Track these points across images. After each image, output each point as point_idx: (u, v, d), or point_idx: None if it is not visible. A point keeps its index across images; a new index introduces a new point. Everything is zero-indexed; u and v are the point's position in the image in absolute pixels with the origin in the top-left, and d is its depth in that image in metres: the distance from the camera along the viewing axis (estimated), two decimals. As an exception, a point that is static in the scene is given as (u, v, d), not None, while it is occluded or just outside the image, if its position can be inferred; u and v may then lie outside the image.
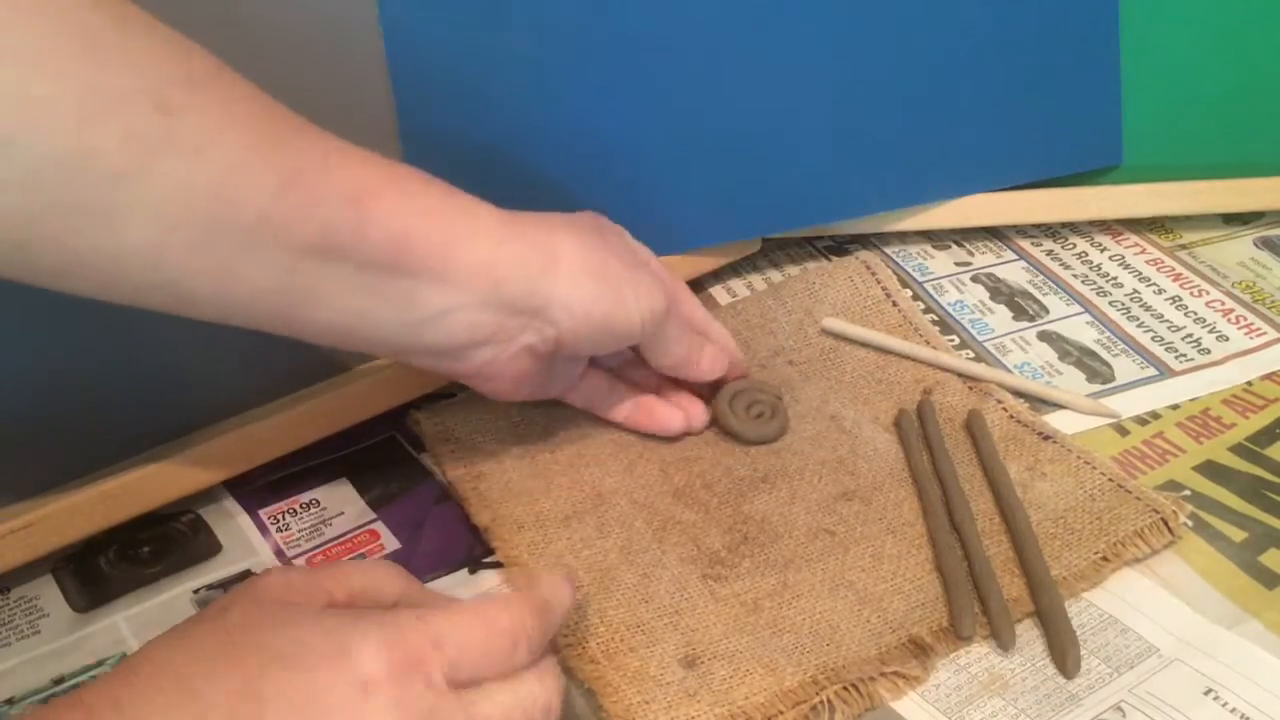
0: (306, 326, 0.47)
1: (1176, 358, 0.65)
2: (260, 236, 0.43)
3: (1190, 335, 0.67)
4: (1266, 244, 0.74)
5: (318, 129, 0.46)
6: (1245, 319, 0.68)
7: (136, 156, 0.40)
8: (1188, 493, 0.57)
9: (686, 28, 0.63)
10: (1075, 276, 0.71)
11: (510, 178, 0.62)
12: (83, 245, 0.41)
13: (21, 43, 0.38)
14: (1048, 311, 0.69)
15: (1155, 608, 0.51)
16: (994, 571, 0.52)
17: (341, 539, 0.56)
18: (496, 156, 0.61)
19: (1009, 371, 0.64)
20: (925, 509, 0.55)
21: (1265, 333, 0.66)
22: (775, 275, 0.72)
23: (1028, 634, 0.50)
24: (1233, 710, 0.47)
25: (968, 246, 0.74)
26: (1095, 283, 0.71)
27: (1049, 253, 0.73)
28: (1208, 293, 0.70)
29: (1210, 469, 0.58)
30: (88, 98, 0.39)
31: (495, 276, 0.48)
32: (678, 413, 0.59)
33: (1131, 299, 0.69)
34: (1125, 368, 0.65)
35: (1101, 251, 0.73)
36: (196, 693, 0.37)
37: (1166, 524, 0.54)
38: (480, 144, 0.61)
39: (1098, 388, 0.63)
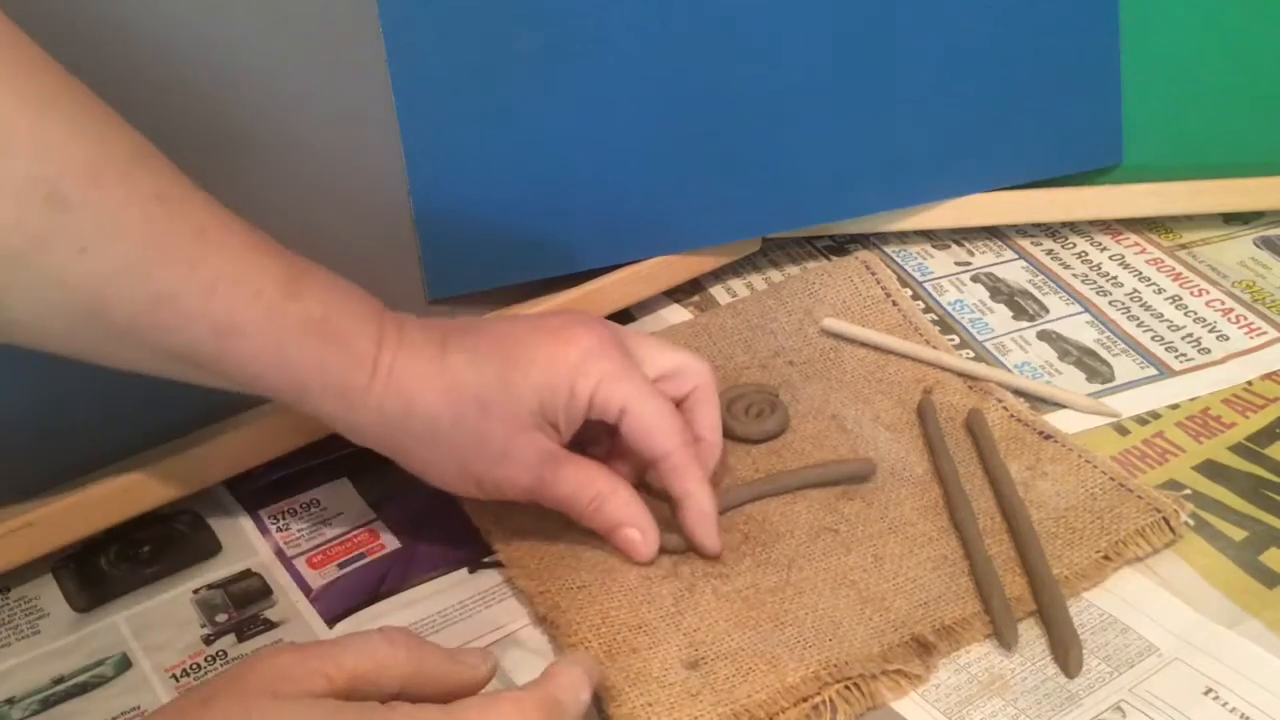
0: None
1: (1176, 357, 0.65)
2: (131, 337, 0.45)
3: (1190, 335, 0.67)
4: (1266, 244, 0.74)
5: (230, 232, 0.46)
6: (1245, 319, 0.68)
7: (22, 244, 0.41)
8: (1188, 492, 0.57)
9: (686, 27, 0.63)
10: (1075, 276, 0.71)
11: (510, 178, 0.62)
12: None
13: None
14: (1048, 311, 0.69)
15: (1155, 607, 0.51)
16: (996, 571, 0.52)
17: (341, 539, 0.56)
18: (496, 156, 0.61)
19: (1009, 371, 0.64)
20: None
21: (1265, 332, 0.66)
22: (775, 275, 0.72)
23: (1028, 634, 0.50)
24: (1233, 710, 0.47)
25: (968, 246, 0.74)
26: (1095, 282, 0.71)
27: (1049, 252, 0.73)
28: (1208, 292, 0.70)
29: (1210, 468, 0.58)
30: None
31: (336, 429, 0.50)
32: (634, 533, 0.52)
33: (1131, 298, 0.69)
34: (1125, 367, 0.65)
35: (1101, 251, 0.73)
36: None
37: (1168, 523, 0.54)
38: (480, 144, 0.61)
39: (1098, 387, 0.63)
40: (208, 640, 0.52)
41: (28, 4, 0.44)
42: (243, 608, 0.53)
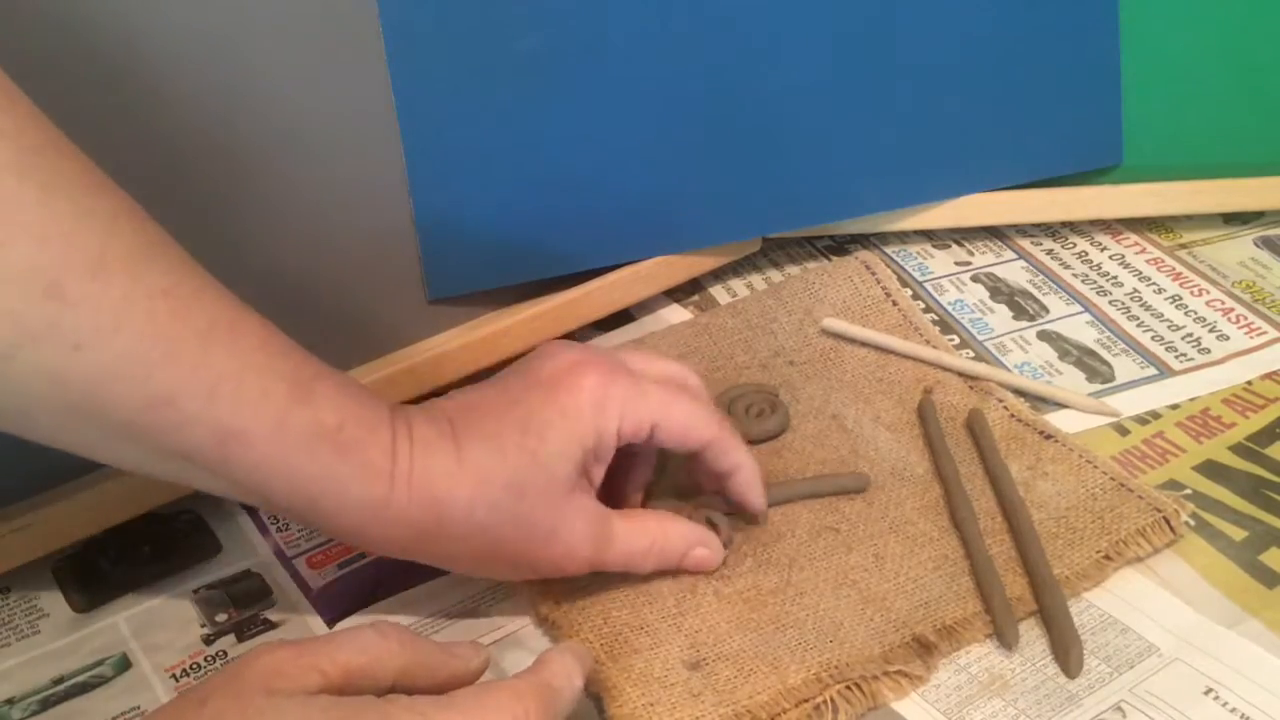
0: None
1: (1176, 357, 0.65)
2: (125, 437, 0.42)
3: (1190, 335, 0.67)
4: (1266, 244, 0.74)
5: (241, 332, 0.43)
6: (1245, 318, 0.68)
7: (14, 337, 0.39)
8: (1188, 492, 0.57)
9: (687, 28, 0.63)
10: (1075, 276, 0.71)
11: (510, 178, 0.62)
12: None
13: None
14: (1048, 311, 0.69)
15: (1155, 607, 0.51)
16: (996, 570, 0.52)
17: (342, 539, 0.56)
18: (496, 156, 0.61)
19: (1009, 371, 0.64)
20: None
21: (1265, 332, 0.66)
22: (775, 275, 0.72)
23: (1028, 634, 0.50)
24: (1233, 710, 0.47)
25: (968, 246, 0.74)
26: (1095, 282, 0.71)
27: (1049, 252, 0.73)
28: (1208, 292, 0.70)
29: (1210, 468, 0.58)
30: None
31: (354, 543, 0.47)
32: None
33: (1131, 298, 0.69)
34: (1125, 367, 0.65)
35: (1101, 251, 0.73)
36: None
37: (1168, 523, 0.54)
38: (480, 144, 0.61)
39: (1098, 387, 0.63)
40: (208, 640, 0.52)
41: (25, 6, 0.44)
42: (243, 608, 0.53)
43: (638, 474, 0.53)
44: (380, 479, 0.45)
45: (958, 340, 0.67)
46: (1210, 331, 0.67)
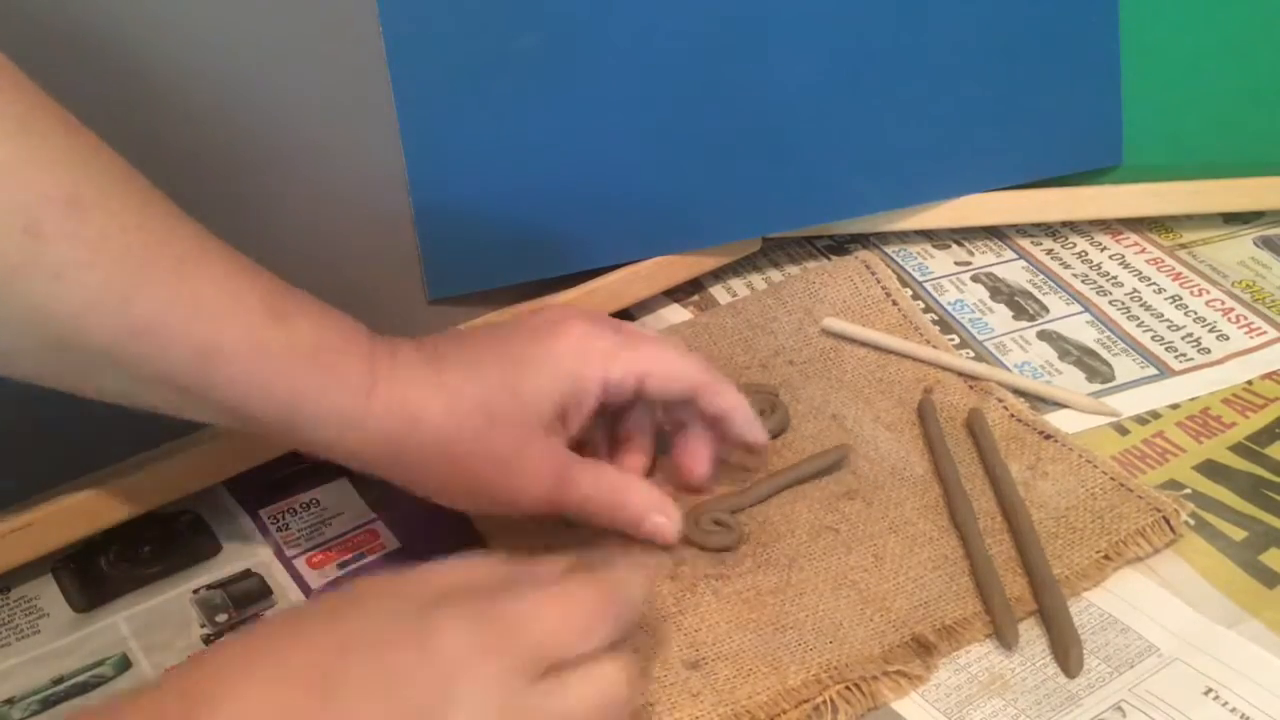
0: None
1: (1176, 357, 0.65)
2: (108, 366, 0.44)
3: (1190, 334, 0.67)
4: (1266, 243, 0.74)
5: (213, 259, 0.45)
6: (1245, 318, 0.68)
7: None
8: (1188, 492, 0.57)
9: (687, 27, 0.63)
10: (1075, 276, 0.71)
11: (510, 177, 0.62)
12: None
13: None
14: (1048, 311, 0.69)
15: (1155, 607, 0.51)
16: (996, 570, 0.52)
17: (341, 539, 0.56)
18: (496, 156, 0.61)
19: (1009, 371, 0.64)
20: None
21: (1265, 332, 0.66)
22: (775, 275, 0.72)
23: (1028, 634, 0.50)
24: (1233, 710, 0.47)
25: (968, 246, 0.74)
26: (1095, 282, 0.71)
27: (1049, 252, 0.73)
28: (1208, 292, 0.70)
29: (1210, 468, 0.58)
30: None
31: (332, 457, 0.48)
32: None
33: (1131, 298, 0.69)
34: (1125, 367, 0.65)
35: (1101, 251, 0.73)
36: (278, 676, 0.37)
37: (1168, 522, 0.54)
38: (480, 143, 0.61)
39: (1098, 387, 0.63)
40: (207, 640, 0.52)
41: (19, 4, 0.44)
42: (243, 608, 0.53)
43: (636, 444, 0.54)
44: (358, 391, 0.46)
45: (958, 340, 0.67)
46: (1210, 331, 0.67)
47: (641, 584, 0.44)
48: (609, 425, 0.55)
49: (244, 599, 0.53)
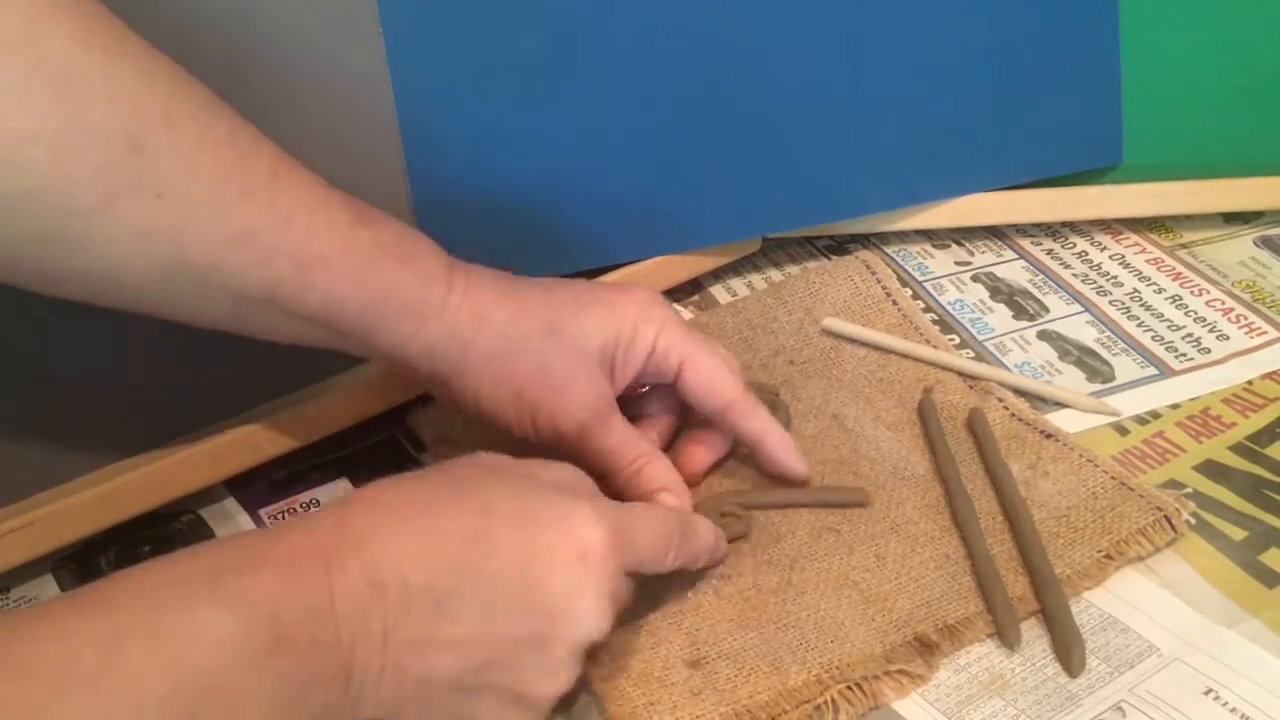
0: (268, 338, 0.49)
1: (1176, 357, 0.65)
2: (210, 279, 0.45)
3: (1190, 334, 0.67)
4: (1266, 243, 0.74)
5: (298, 171, 0.47)
6: (1245, 318, 0.68)
7: (102, 194, 0.42)
8: (1188, 491, 0.57)
9: (687, 27, 0.63)
10: (1075, 276, 0.71)
11: (510, 177, 0.62)
12: (54, 267, 0.43)
13: (5, 78, 0.40)
14: (1048, 311, 0.69)
15: (1155, 607, 0.51)
16: (998, 570, 0.52)
17: (342, 539, 0.56)
18: (496, 156, 0.61)
19: (1009, 371, 0.64)
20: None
21: (1265, 332, 0.66)
22: (775, 275, 0.72)
23: (1028, 633, 0.50)
24: (1233, 710, 0.47)
25: (968, 246, 0.74)
26: (1095, 282, 0.71)
27: (1049, 252, 0.73)
28: (1208, 292, 0.70)
29: (1210, 468, 0.58)
30: (63, 134, 0.41)
31: (406, 356, 0.50)
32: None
33: (1132, 298, 0.69)
34: (1125, 367, 0.65)
35: (1101, 251, 0.73)
36: (427, 526, 0.40)
37: (1169, 521, 0.54)
38: (480, 143, 0.61)
39: (1098, 387, 0.63)
40: (208, 640, 0.52)
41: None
42: (243, 607, 0.53)
43: (652, 425, 0.57)
44: (439, 284, 0.49)
45: (958, 340, 0.67)
46: (1210, 331, 0.67)
47: (708, 529, 0.49)
48: (635, 406, 0.57)
49: (244, 599, 0.53)
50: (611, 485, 0.52)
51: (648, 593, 0.51)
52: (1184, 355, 0.65)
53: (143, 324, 0.47)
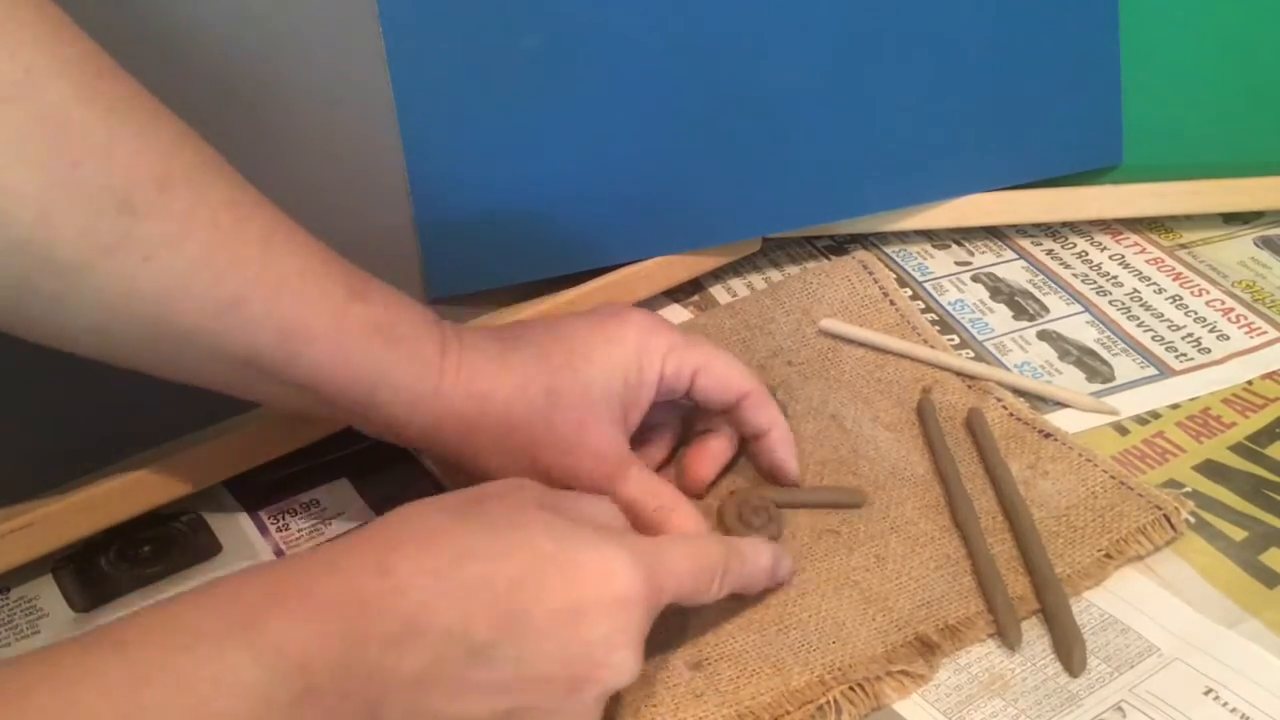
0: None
1: (1176, 357, 0.65)
2: (196, 343, 0.45)
3: (1190, 334, 0.67)
4: (1266, 243, 0.74)
5: (296, 236, 0.46)
6: (1245, 318, 0.68)
7: (89, 252, 0.41)
8: (1188, 491, 0.57)
9: (687, 28, 0.63)
10: (1075, 276, 0.71)
11: (510, 178, 0.62)
12: (38, 320, 0.43)
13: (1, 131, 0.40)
14: (1048, 311, 0.69)
15: (1155, 607, 0.52)
16: (998, 570, 0.52)
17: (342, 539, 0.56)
18: (496, 156, 0.61)
19: (1008, 370, 0.64)
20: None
21: (1265, 332, 0.67)
22: (775, 275, 0.72)
23: (1029, 633, 0.50)
24: (1233, 710, 0.47)
25: (968, 246, 0.74)
26: (1095, 282, 0.71)
27: (1049, 252, 0.73)
28: (1208, 292, 0.70)
29: (1210, 468, 0.58)
30: (52, 191, 0.40)
31: (406, 439, 0.50)
32: None
33: (1131, 298, 0.69)
34: (1125, 367, 0.65)
35: (1101, 251, 0.73)
36: (469, 572, 0.40)
37: (1169, 520, 0.54)
38: (480, 144, 0.61)
39: (1098, 387, 0.63)
40: (208, 640, 0.52)
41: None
42: (243, 608, 0.53)
43: (658, 438, 0.57)
44: (431, 369, 0.48)
45: (958, 340, 0.67)
46: (1210, 331, 0.67)
47: (765, 553, 0.49)
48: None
49: (244, 599, 0.53)
50: (636, 529, 0.51)
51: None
52: (1184, 355, 0.65)
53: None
